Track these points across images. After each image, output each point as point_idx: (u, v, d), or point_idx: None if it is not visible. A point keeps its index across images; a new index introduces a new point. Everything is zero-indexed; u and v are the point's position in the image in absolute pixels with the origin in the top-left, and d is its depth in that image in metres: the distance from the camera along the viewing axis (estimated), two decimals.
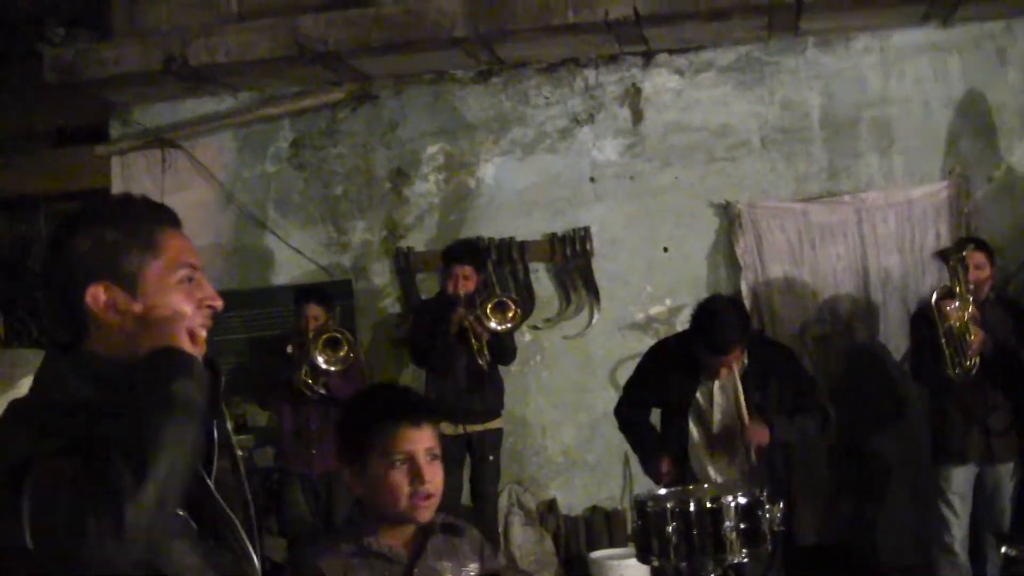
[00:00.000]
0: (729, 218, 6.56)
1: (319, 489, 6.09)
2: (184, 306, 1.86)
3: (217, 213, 6.88)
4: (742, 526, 3.81)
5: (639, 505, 4.04)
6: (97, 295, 1.82)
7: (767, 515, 3.87)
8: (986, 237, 5.78)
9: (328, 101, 6.81)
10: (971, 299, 5.28)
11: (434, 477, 2.48)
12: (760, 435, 4.71)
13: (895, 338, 6.42)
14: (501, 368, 6.26)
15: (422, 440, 2.49)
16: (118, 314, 1.82)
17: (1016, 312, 5.61)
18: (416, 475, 2.45)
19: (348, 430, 2.58)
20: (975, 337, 5.19)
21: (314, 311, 6.05)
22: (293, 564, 2.70)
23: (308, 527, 6.15)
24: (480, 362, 5.98)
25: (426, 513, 2.50)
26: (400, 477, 2.45)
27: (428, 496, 2.47)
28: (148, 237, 1.88)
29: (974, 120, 6.48)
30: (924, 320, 5.42)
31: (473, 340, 5.96)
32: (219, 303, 1.92)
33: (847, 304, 6.53)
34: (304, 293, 6.22)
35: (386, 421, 2.50)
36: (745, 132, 6.60)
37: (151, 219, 1.92)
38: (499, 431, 6.27)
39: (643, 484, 5.61)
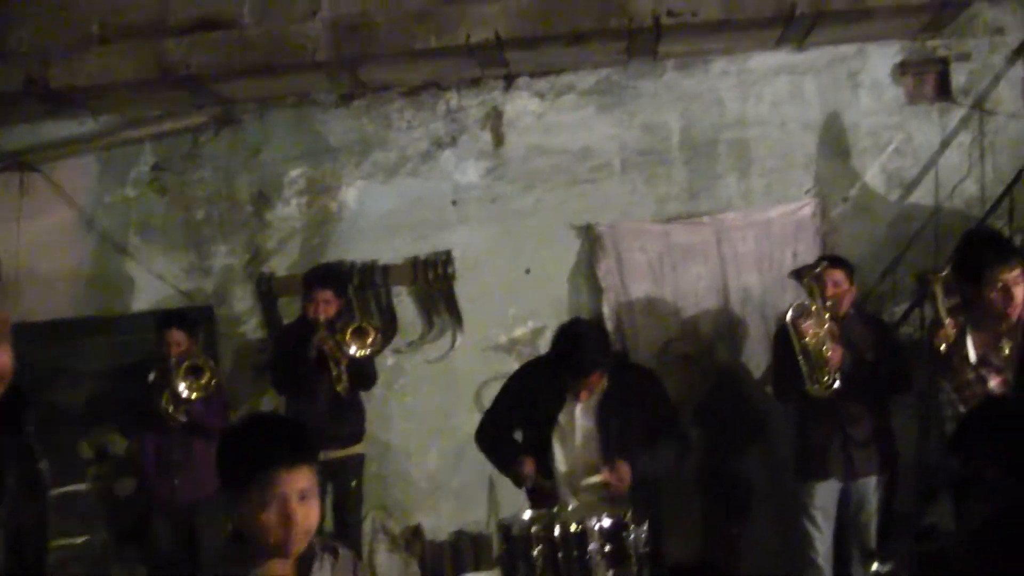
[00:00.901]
0: (590, 240, 6.75)
1: (182, 519, 6.13)
2: None
3: (77, 238, 6.96)
4: (607, 548, 3.94)
5: (504, 529, 4.16)
6: None
7: (632, 537, 4.01)
8: (844, 255, 5.99)
9: (190, 125, 6.92)
10: (828, 316, 5.46)
11: (305, 517, 2.55)
12: (622, 481, 4.80)
13: (756, 356, 6.62)
14: (364, 392, 6.36)
15: (294, 482, 2.54)
16: None
17: (876, 327, 5.84)
18: (286, 516, 2.52)
19: (224, 464, 2.64)
20: (833, 353, 5.38)
21: (176, 337, 6.11)
22: None
23: (171, 559, 6.18)
24: (338, 387, 6.08)
25: (296, 548, 2.58)
26: (270, 517, 2.52)
27: (299, 534, 2.55)
28: None
29: (830, 141, 6.78)
30: (783, 338, 5.60)
31: (332, 365, 6.08)
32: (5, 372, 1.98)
33: (709, 324, 6.74)
34: (166, 319, 6.27)
35: (260, 462, 2.56)
36: (606, 154, 6.82)
37: None
38: (360, 456, 6.41)
39: (509, 508, 5.74)
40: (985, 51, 6.73)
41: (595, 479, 4.78)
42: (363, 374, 6.24)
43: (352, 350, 6.06)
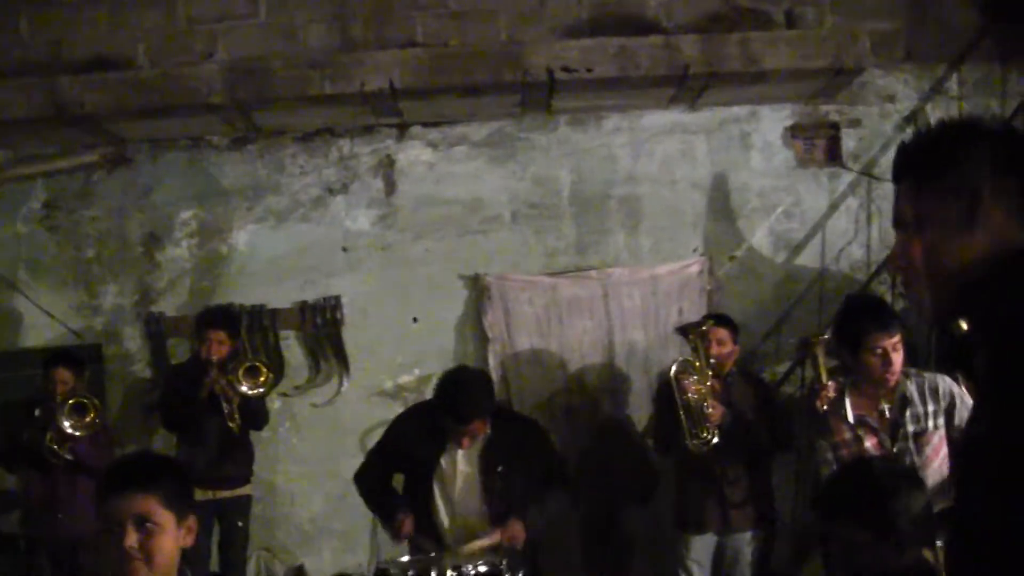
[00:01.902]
0: (478, 290, 7.02)
1: (64, 556, 6.28)
2: None
3: None
4: None
5: (381, 572, 4.34)
6: None
7: None
8: (729, 313, 6.24)
9: (83, 163, 7.10)
10: (711, 373, 5.70)
11: (142, 544, 2.68)
12: (517, 537, 5.00)
13: (640, 410, 6.87)
14: (251, 434, 6.59)
15: (126, 507, 2.70)
16: None
17: (758, 386, 6.09)
18: (118, 543, 2.67)
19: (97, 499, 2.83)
20: (713, 411, 5.60)
21: (63, 375, 6.26)
22: None
23: None
24: (231, 425, 6.30)
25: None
26: (109, 545, 2.69)
27: (131, 561, 2.67)
28: None
29: (719, 200, 7.05)
30: (665, 393, 5.82)
31: (224, 404, 6.29)
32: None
33: (594, 377, 7.00)
34: (53, 357, 6.42)
35: (103, 491, 2.76)
36: (497, 206, 7.07)
37: None
38: (248, 497, 6.62)
39: (389, 551, 5.95)
40: (876, 117, 7.04)
41: (485, 541, 4.95)
42: (255, 413, 6.45)
43: (244, 389, 6.27)
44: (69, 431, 6.10)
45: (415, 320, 7.05)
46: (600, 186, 7.05)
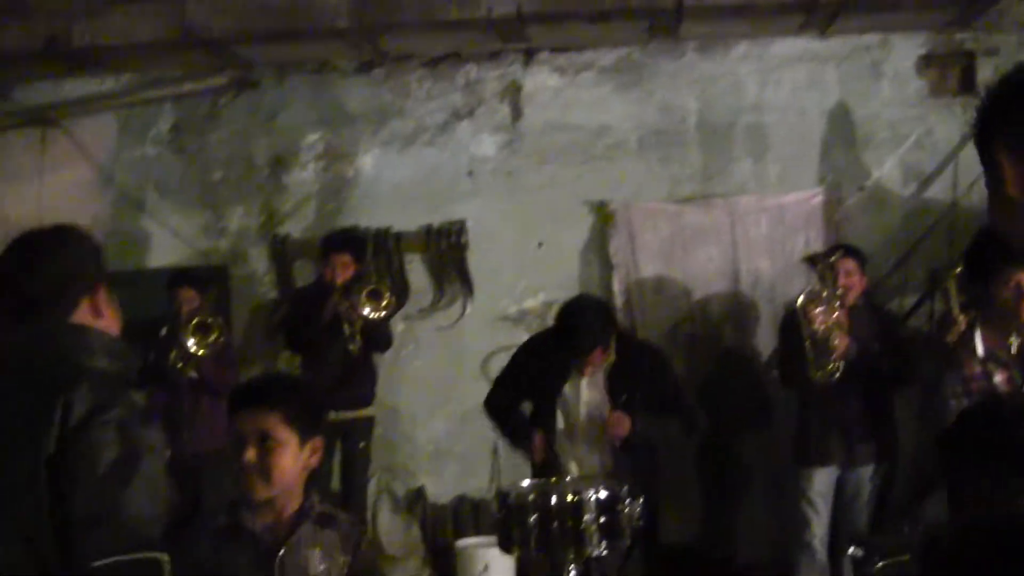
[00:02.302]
0: (603, 217, 7.08)
1: (188, 473, 6.46)
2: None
3: (95, 194, 7.31)
4: (601, 520, 4.02)
5: (502, 496, 4.30)
6: (101, 292, 2.61)
7: (626, 510, 4.11)
8: (856, 244, 6.20)
9: (210, 86, 7.25)
10: (838, 304, 5.67)
11: (260, 459, 2.79)
12: (620, 426, 5.11)
13: (763, 340, 6.89)
14: (375, 356, 6.71)
15: (249, 423, 2.82)
16: (107, 308, 2.61)
17: (884, 319, 6.07)
18: (239, 458, 2.80)
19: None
20: (839, 342, 5.59)
21: (187, 295, 6.42)
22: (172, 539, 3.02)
23: (177, 510, 6.50)
24: (351, 347, 6.40)
25: (256, 492, 2.82)
26: (234, 459, 2.82)
27: (250, 475, 2.79)
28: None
29: (847, 130, 7.02)
30: (791, 323, 5.83)
31: (346, 326, 6.39)
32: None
33: (718, 306, 7.05)
34: (177, 277, 6.57)
35: (232, 408, 2.90)
36: (622, 133, 7.11)
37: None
38: (370, 419, 6.74)
39: (510, 476, 6.06)
40: (1014, 46, 6.93)
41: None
42: (377, 336, 6.56)
43: (366, 311, 6.37)
44: (193, 350, 6.23)
45: (540, 245, 7.12)
46: (727, 114, 7.07)
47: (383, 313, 6.45)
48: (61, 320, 2.55)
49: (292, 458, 2.83)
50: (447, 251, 7.14)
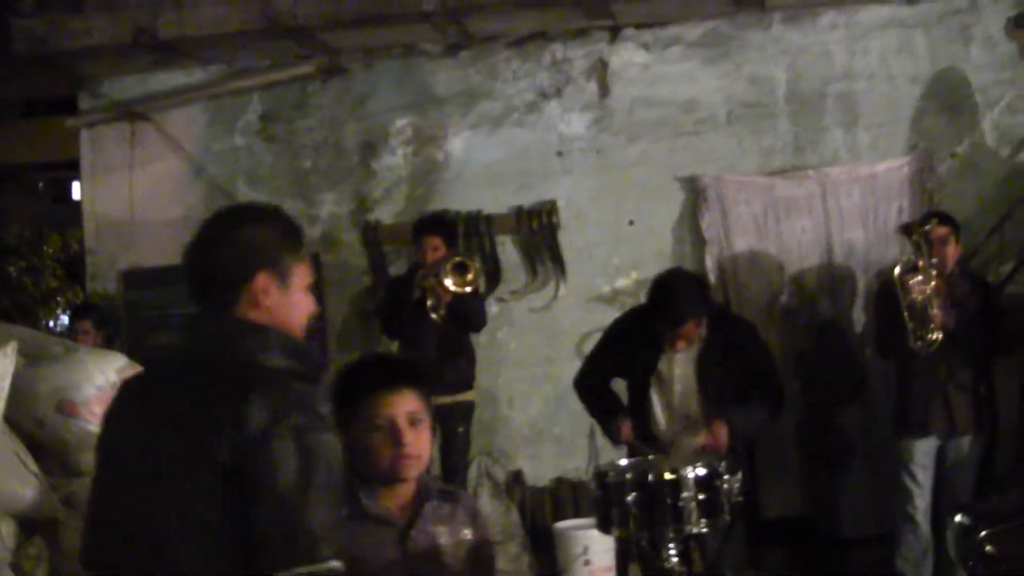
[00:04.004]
0: (695, 192, 7.36)
1: None
2: (306, 307, 2.65)
3: (186, 186, 7.71)
4: (700, 497, 4.06)
5: (599, 476, 4.40)
6: (261, 279, 2.53)
7: (725, 486, 4.19)
8: (950, 211, 6.46)
9: (298, 74, 7.66)
10: (935, 273, 5.90)
11: (416, 440, 2.87)
12: (719, 443, 5.27)
13: (859, 311, 7.15)
14: (472, 340, 7.02)
15: (401, 404, 2.87)
16: (268, 297, 2.55)
17: (980, 286, 6.28)
18: (396, 439, 2.84)
19: (335, 401, 2.95)
20: (938, 311, 5.83)
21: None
22: None
23: None
24: (434, 316, 6.68)
25: (410, 472, 2.90)
26: (380, 440, 2.85)
27: (409, 457, 2.86)
28: (299, 245, 2.66)
29: (938, 96, 7.27)
30: (887, 294, 6.07)
31: (431, 299, 6.69)
32: (315, 310, 2.71)
33: (812, 278, 7.30)
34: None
35: (366, 389, 2.90)
36: (711, 107, 7.43)
37: (300, 231, 2.70)
38: (470, 404, 7.03)
39: (608, 456, 6.31)
40: None
41: (694, 442, 5.32)
42: (464, 312, 6.81)
43: (450, 283, 6.65)
44: None
45: (631, 223, 7.44)
46: (816, 83, 7.34)
47: (469, 288, 6.70)
48: (230, 314, 2.55)
49: (430, 437, 2.96)
50: (539, 232, 7.47)
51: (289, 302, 2.58)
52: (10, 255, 9.13)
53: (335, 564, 2.34)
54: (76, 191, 8.52)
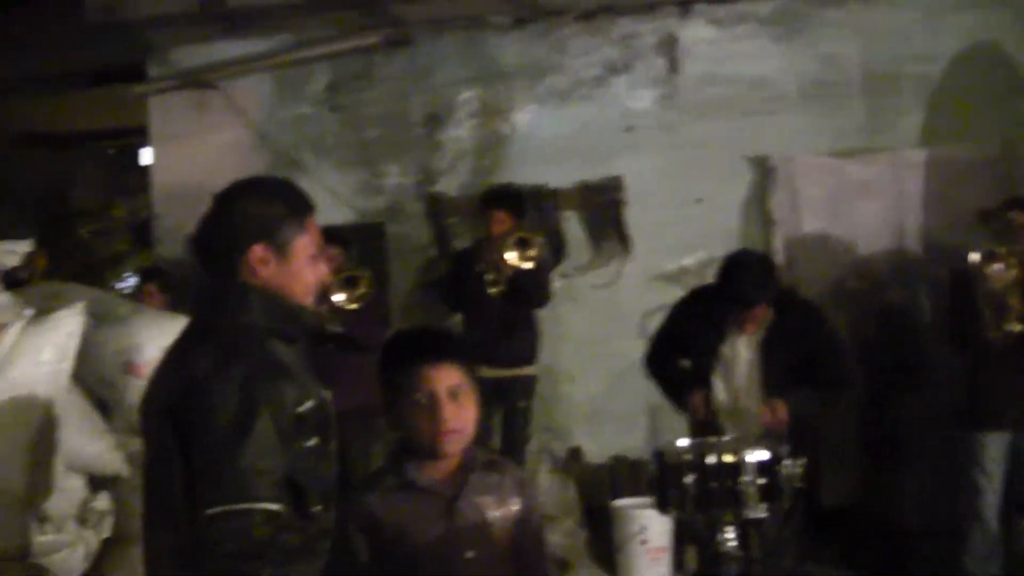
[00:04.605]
0: (764, 172, 7.38)
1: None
2: (311, 277, 2.86)
3: (252, 155, 7.87)
4: (760, 481, 4.09)
5: (658, 456, 4.39)
6: (258, 251, 2.75)
7: (786, 472, 4.17)
8: None
9: (364, 45, 7.76)
10: (1017, 262, 5.72)
11: (456, 414, 2.89)
12: (778, 420, 5.29)
13: (929, 299, 7.09)
14: (535, 314, 7.06)
15: (442, 378, 2.89)
16: (266, 268, 2.76)
17: None
18: (436, 413, 2.87)
19: (380, 373, 3.01)
20: (1018, 301, 5.69)
21: (331, 252, 6.78)
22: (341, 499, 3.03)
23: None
24: (492, 291, 6.75)
25: (451, 447, 2.92)
26: (421, 415, 2.89)
27: (449, 432, 2.89)
28: (301, 217, 2.85)
29: (1020, 80, 7.13)
30: (963, 282, 5.94)
31: (491, 274, 6.75)
32: (327, 278, 3.05)
33: (881, 263, 7.27)
34: (321, 235, 6.92)
35: (407, 361, 2.94)
36: (782, 85, 7.43)
37: (305, 204, 2.91)
38: (532, 378, 7.09)
39: (667, 435, 6.34)
40: None
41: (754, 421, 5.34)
42: (525, 287, 6.82)
43: (511, 257, 6.68)
44: (340, 304, 6.57)
45: (698, 201, 7.45)
46: (892, 63, 7.30)
47: (530, 263, 6.72)
48: (225, 277, 2.77)
49: (475, 410, 2.97)
50: (604, 208, 7.53)
51: (289, 272, 2.79)
52: (81, 218, 9.43)
53: (266, 506, 2.52)
54: (145, 157, 8.69)
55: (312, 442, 2.72)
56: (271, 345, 2.71)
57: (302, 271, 2.82)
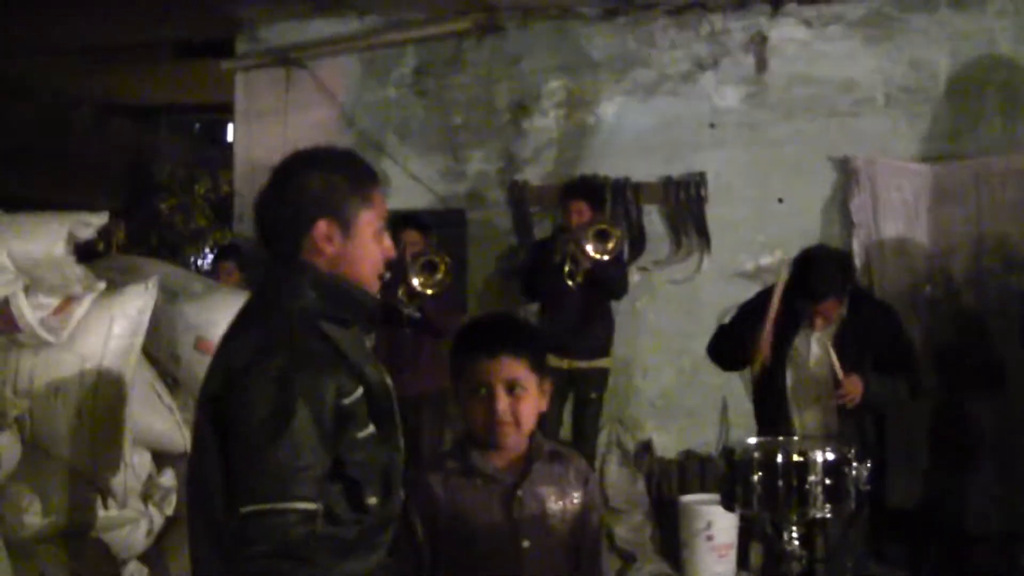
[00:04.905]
0: (846, 173, 7.47)
1: (407, 413, 6.90)
2: (377, 253, 2.75)
3: (336, 135, 7.98)
4: (827, 482, 4.11)
5: (727, 453, 4.47)
6: (322, 227, 2.65)
7: (853, 473, 4.24)
8: None
9: (454, 30, 7.90)
10: None
11: (511, 408, 2.92)
12: (854, 389, 5.32)
13: (1005, 306, 7.14)
14: (612, 306, 7.22)
15: (498, 372, 2.92)
16: (331, 245, 2.67)
17: None
18: (491, 405, 2.91)
19: (451, 359, 3.07)
20: None
21: (411, 236, 6.93)
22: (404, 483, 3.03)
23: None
24: (569, 284, 6.86)
25: (505, 439, 2.96)
26: (477, 406, 2.94)
27: (502, 424, 2.92)
28: (366, 190, 2.74)
29: None
30: None
31: (569, 264, 6.86)
32: (393, 254, 2.81)
33: (959, 269, 7.33)
34: (402, 219, 7.06)
35: (468, 352, 3.00)
36: (869, 88, 7.51)
37: (370, 176, 2.80)
38: (604, 371, 7.23)
39: (738, 432, 6.44)
40: None
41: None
42: (603, 279, 6.95)
43: (590, 249, 6.79)
44: (419, 288, 6.71)
45: (780, 201, 7.56)
46: (979, 71, 7.34)
47: (609, 255, 6.84)
48: (284, 258, 2.68)
49: (534, 404, 2.99)
50: (686, 203, 7.64)
51: (355, 249, 2.68)
52: (162, 192, 9.57)
53: (302, 505, 2.45)
54: (230, 133, 8.83)
55: (365, 432, 2.62)
56: (324, 330, 2.62)
57: (368, 247, 2.71)
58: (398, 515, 2.78)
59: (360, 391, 2.61)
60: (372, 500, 2.62)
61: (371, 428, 2.63)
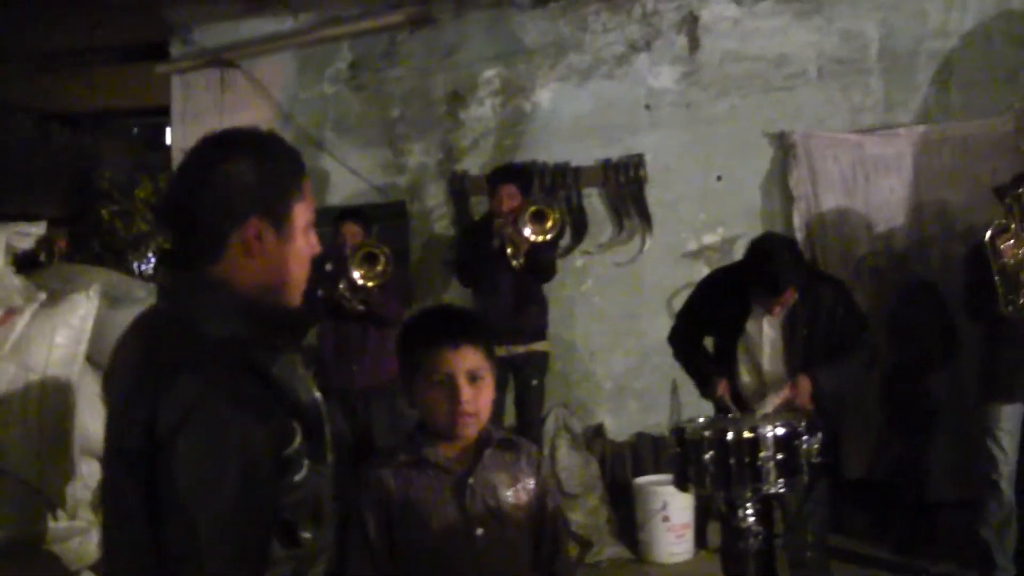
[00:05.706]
0: (784, 148, 7.67)
1: (357, 406, 7.06)
2: (308, 254, 2.38)
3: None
4: (779, 457, 4.21)
5: (677, 432, 4.51)
6: (253, 225, 2.26)
7: (805, 446, 4.29)
8: None
9: (387, 23, 8.06)
10: None
11: (474, 398, 2.97)
12: (802, 396, 5.39)
13: (947, 273, 7.33)
14: (552, 292, 7.40)
15: (460, 361, 2.96)
16: (262, 247, 2.28)
17: None
18: (454, 395, 2.95)
19: (400, 351, 3.09)
20: None
21: (351, 229, 7.10)
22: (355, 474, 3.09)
23: (345, 443, 6.91)
24: (515, 264, 7.03)
25: (467, 430, 3.00)
26: (439, 396, 2.96)
27: (466, 415, 2.96)
28: (299, 179, 2.36)
29: None
30: (978, 256, 6.16)
31: (509, 248, 7.03)
32: (319, 251, 2.44)
33: (900, 238, 7.54)
34: (342, 213, 7.27)
35: (427, 343, 3.00)
36: (802, 62, 7.71)
37: (299, 162, 2.40)
38: (543, 354, 7.39)
39: (691, 412, 6.58)
40: None
41: (777, 399, 5.48)
42: (540, 260, 7.12)
43: (528, 232, 6.96)
44: (360, 281, 6.83)
45: (719, 178, 7.77)
46: (909, 41, 7.53)
47: (548, 236, 7.00)
48: (200, 270, 2.30)
49: (492, 392, 3.04)
50: (625, 185, 7.83)
51: (289, 250, 2.32)
52: (102, 199, 9.66)
53: None
54: (168, 137, 8.98)
55: (302, 475, 2.28)
56: (255, 362, 2.22)
57: (300, 248, 2.35)
58: (331, 542, 2.49)
59: (299, 437, 2.26)
60: (306, 535, 2.32)
61: (307, 466, 2.30)
